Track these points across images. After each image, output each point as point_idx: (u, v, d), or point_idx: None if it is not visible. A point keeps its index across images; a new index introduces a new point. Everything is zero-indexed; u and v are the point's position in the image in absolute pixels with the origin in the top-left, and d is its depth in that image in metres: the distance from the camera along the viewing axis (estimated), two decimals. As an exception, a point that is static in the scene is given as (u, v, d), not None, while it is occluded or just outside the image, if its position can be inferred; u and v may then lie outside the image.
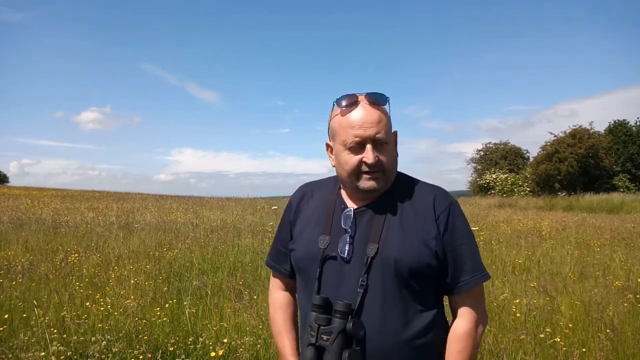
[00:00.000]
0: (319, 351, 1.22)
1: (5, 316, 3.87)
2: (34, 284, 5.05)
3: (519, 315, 4.28)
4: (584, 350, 3.51)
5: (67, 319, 3.68)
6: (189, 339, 3.59)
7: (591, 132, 34.73)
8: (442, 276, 1.30)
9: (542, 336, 3.71)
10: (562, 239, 9.78)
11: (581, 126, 34.77)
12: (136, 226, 10.60)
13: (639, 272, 6.44)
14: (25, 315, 3.97)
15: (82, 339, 3.44)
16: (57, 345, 3.19)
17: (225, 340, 3.53)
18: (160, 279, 5.57)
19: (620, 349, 3.56)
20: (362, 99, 1.29)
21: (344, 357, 1.19)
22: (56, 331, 3.55)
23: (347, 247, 1.29)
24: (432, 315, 1.29)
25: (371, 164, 1.26)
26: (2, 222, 10.42)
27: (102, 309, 4.15)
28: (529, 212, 20.41)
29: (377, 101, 1.30)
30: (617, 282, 5.58)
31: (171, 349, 3.41)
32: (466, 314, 1.31)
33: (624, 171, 36.52)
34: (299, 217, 1.44)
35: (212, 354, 3.23)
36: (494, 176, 37.51)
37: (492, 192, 35.91)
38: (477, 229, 10.67)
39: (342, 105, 1.30)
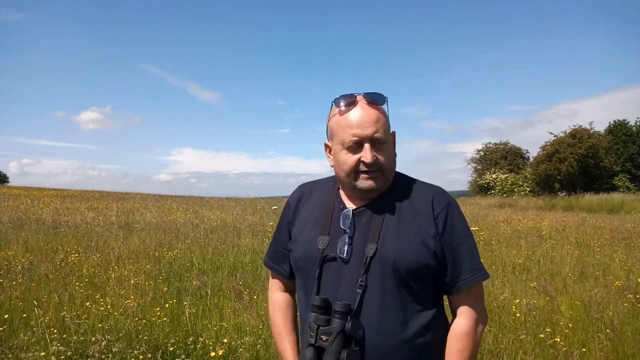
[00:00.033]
0: (319, 352, 1.22)
1: (5, 316, 3.87)
2: (34, 284, 5.05)
3: (519, 315, 4.28)
4: (584, 350, 3.51)
5: (67, 319, 3.68)
6: (189, 339, 3.59)
7: (591, 132, 34.74)
8: (441, 276, 1.30)
9: (542, 336, 3.71)
10: (562, 239, 9.78)
11: (581, 126, 34.84)
12: (136, 226, 10.60)
13: (639, 272, 6.44)
14: (25, 315, 3.97)
15: (82, 339, 3.44)
16: (57, 345, 3.19)
17: (225, 340, 3.53)
18: (160, 279, 5.57)
19: (620, 349, 3.56)
20: (361, 99, 1.30)
21: (342, 357, 1.19)
22: (56, 331, 3.55)
23: (346, 247, 1.29)
24: (431, 314, 1.29)
25: (369, 164, 1.26)
26: (2, 222, 10.42)
27: (102, 309, 4.15)
28: (529, 212, 20.41)
29: (375, 101, 1.30)
30: (617, 282, 5.58)
31: (171, 349, 3.41)
32: (466, 313, 1.31)
33: (624, 171, 36.53)
34: (298, 217, 1.43)
35: (212, 354, 3.23)
36: (494, 176, 37.50)
37: (492, 192, 35.91)
38: (477, 229, 10.66)
39: (340, 105, 1.31)
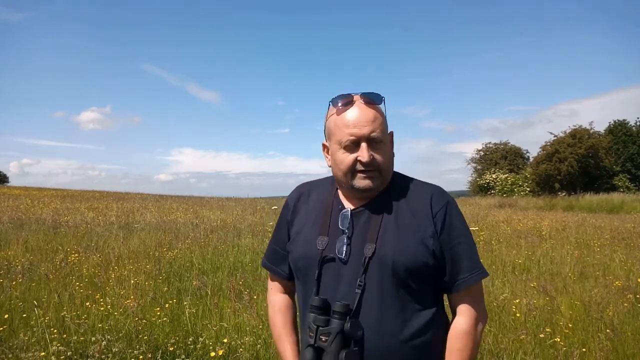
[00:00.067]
0: (318, 352, 1.22)
1: (5, 316, 3.87)
2: (34, 284, 5.05)
3: (519, 315, 4.28)
4: (584, 350, 3.51)
5: (67, 319, 3.68)
6: (189, 339, 3.59)
7: (591, 132, 34.74)
8: (440, 275, 1.30)
9: (542, 336, 3.71)
10: (562, 239, 9.78)
11: (581, 126, 34.84)
12: (136, 226, 10.61)
13: (639, 272, 6.44)
14: (25, 315, 3.97)
15: (82, 339, 3.44)
16: (57, 345, 3.19)
17: (225, 340, 3.53)
18: (160, 279, 5.57)
19: (620, 349, 3.56)
20: (358, 99, 1.30)
21: (341, 357, 1.19)
22: (56, 331, 3.55)
23: (345, 247, 1.29)
24: (430, 313, 1.29)
25: (366, 163, 1.26)
26: (2, 222, 10.42)
27: (102, 309, 4.15)
28: (529, 212, 20.41)
29: (372, 100, 1.31)
30: (617, 282, 5.58)
31: (171, 349, 3.41)
32: (465, 311, 1.31)
33: (624, 171, 36.53)
34: (296, 217, 1.43)
35: (212, 354, 3.23)
36: (494, 176, 37.51)
37: (492, 192, 35.91)
38: (477, 229, 10.67)
39: (337, 105, 1.31)
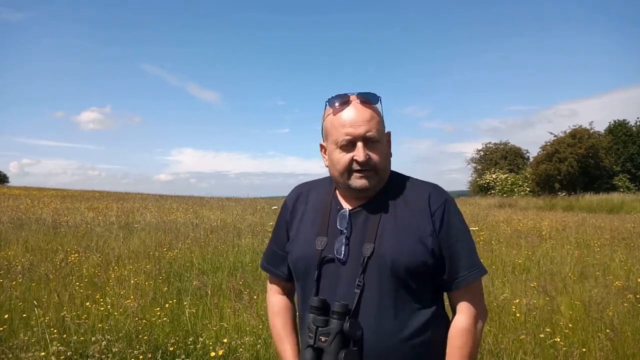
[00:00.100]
0: (318, 353, 1.22)
1: (5, 316, 3.88)
2: (34, 284, 5.06)
3: (519, 315, 4.28)
4: (584, 350, 3.51)
5: (67, 319, 3.68)
6: (189, 339, 3.59)
7: (591, 132, 34.73)
8: (439, 273, 1.30)
9: (542, 336, 3.71)
10: (562, 239, 9.78)
11: (581, 126, 34.83)
12: (136, 226, 10.61)
13: (639, 272, 6.44)
14: (25, 315, 3.97)
15: (82, 339, 3.44)
16: (57, 345, 3.19)
17: (225, 340, 3.53)
18: (160, 279, 5.58)
19: (620, 349, 3.56)
20: (354, 99, 1.31)
21: (340, 357, 1.19)
22: (56, 331, 3.55)
23: (343, 248, 1.29)
24: (430, 312, 1.29)
25: (362, 162, 1.26)
26: (2, 222, 10.42)
27: (102, 309, 4.15)
28: (529, 212, 20.42)
29: (369, 100, 1.31)
30: (617, 282, 5.58)
31: (171, 349, 3.41)
32: (465, 309, 1.31)
33: (624, 171, 36.52)
34: (295, 217, 1.43)
35: (212, 354, 3.24)
36: (494, 176, 37.50)
37: (492, 192, 35.91)
38: (477, 229, 10.67)
39: (334, 105, 1.32)
